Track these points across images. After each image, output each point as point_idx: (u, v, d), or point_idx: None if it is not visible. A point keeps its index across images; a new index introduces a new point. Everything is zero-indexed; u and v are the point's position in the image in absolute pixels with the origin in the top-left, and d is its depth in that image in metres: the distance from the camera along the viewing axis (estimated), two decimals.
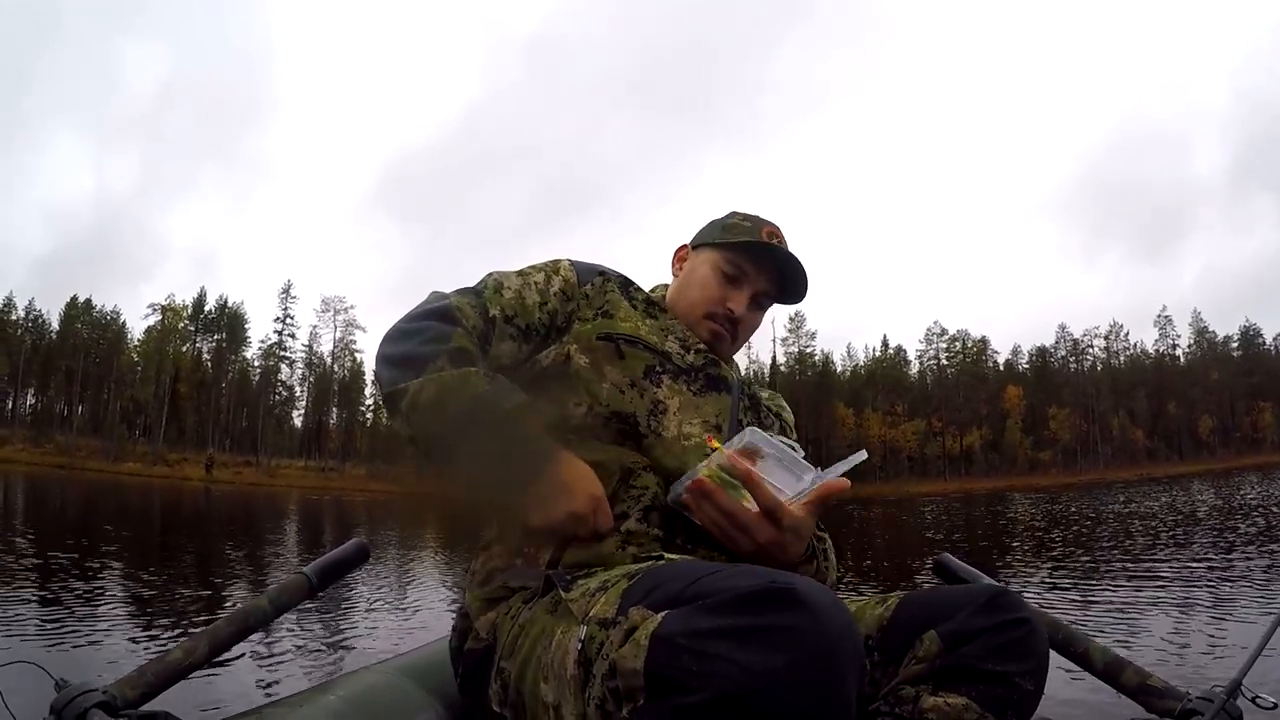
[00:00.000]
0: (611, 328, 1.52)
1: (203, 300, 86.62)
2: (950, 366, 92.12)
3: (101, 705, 1.18)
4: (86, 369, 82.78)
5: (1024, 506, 28.76)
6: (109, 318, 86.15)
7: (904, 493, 59.61)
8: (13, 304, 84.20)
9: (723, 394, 1.56)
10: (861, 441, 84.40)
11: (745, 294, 1.63)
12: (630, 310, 1.58)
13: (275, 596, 1.57)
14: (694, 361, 1.56)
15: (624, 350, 1.50)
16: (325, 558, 1.68)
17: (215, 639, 1.44)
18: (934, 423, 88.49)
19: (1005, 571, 9.62)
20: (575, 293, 1.58)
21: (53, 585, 7.22)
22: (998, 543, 14.83)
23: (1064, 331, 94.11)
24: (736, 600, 0.86)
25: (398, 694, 1.51)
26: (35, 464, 51.82)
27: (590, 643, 1.01)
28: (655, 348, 1.53)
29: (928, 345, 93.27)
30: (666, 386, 1.49)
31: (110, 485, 37.74)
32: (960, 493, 55.67)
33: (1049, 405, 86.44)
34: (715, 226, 1.69)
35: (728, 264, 1.62)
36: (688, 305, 1.64)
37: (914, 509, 31.86)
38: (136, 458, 67.52)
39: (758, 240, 1.61)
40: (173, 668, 1.36)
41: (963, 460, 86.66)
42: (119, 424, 79.89)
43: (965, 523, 21.71)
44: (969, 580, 1.74)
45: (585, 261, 1.66)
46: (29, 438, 68.63)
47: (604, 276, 1.62)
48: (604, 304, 1.57)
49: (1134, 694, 1.43)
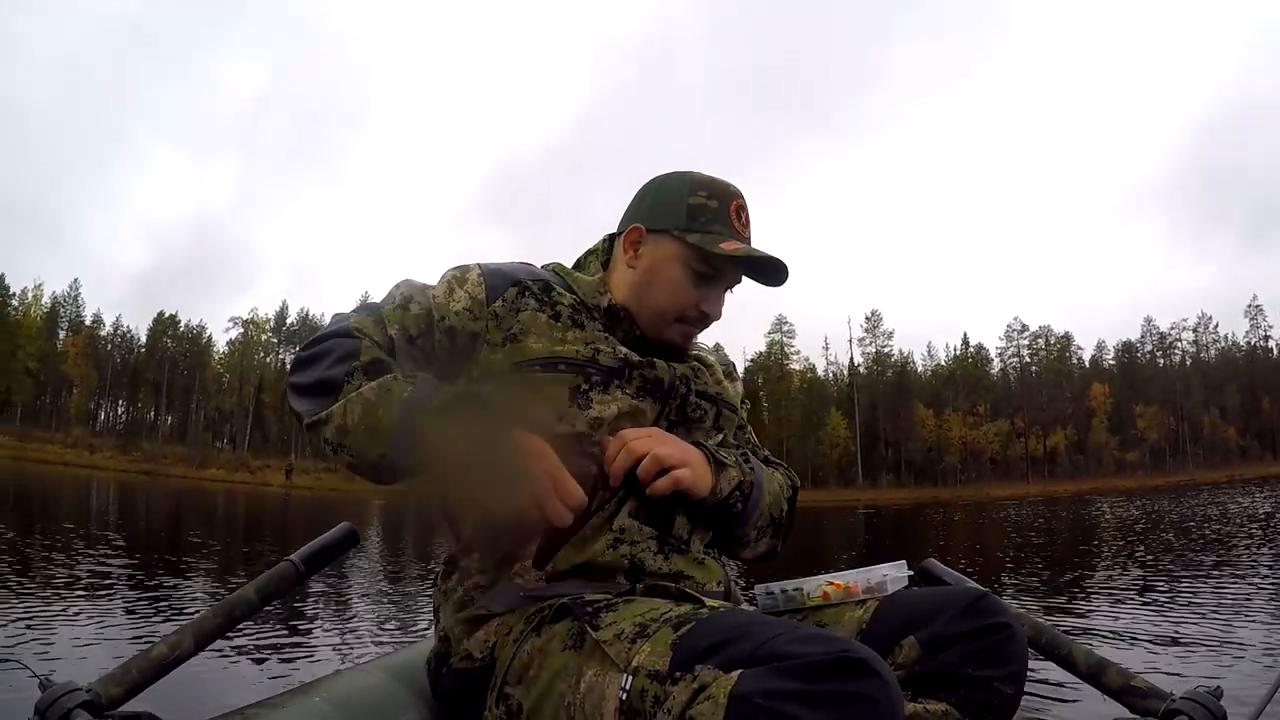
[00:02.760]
0: (522, 354, 1.37)
1: (284, 313, 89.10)
2: (1033, 364, 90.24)
3: (85, 705, 1.17)
4: (172, 380, 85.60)
5: (1105, 510, 27.94)
6: (194, 331, 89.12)
7: (985, 495, 58.64)
8: (101, 320, 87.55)
9: (654, 400, 1.43)
10: (942, 443, 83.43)
11: (720, 290, 1.50)
12: (548, 324, 1.40)
13: (262, 585, 1.52)
14: (627, 356, 1.42)
15: (541, 379, 1.35)
16: (312, 543, 1.63)
17: (200, 631, 1.41)
18: (1016, 423, 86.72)
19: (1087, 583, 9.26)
20: (482, 311, 1.39)
21: (144, 585, 7.36)
22: (1074, 550, 14.30)
23: (1150, 325, 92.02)
24: (813, 666, 0.90)
25: (382, 695, 1.48)
26: (123, 470, 54.08)
27: (640, 695, 1.01)
28: (576, 359, 1.37)
29: (1008, 342, 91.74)
30: (598, 402, 1.36)
31: (193, 490, 38.81)
32: (1041, 496, 54.42)
33: (1135, 403, 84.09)
34: (674, 206, 1.46)
35: (700, 263, 1.44)
36: (655, 312, 1.47)
37: (989, 513, 31.28)
38: (219, 464, 69.39)
39: (737, 254, 1.41)
40: (158, 663, 1.33)
41: (1046, 462, 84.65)
42: (203, 432, 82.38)
43: (1044, 527, 21.16)
44: (951, 584, 1.72)
45: (504, 266, 1.47)
46: (118, 446, 71.01)
47: (519, 288, 1.42)
48: (514, 324, 1.39)
49: (1118, 695, 1.45)
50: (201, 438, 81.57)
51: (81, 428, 78.64)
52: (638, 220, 1.49)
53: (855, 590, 1.39)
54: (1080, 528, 19.92)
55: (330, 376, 1.25)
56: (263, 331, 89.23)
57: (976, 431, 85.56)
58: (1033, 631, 1.54)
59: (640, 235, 1.48)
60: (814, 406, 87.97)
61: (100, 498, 25.19)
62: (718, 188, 1.47)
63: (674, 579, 1.34)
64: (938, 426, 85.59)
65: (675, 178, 1.50)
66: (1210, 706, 1.29)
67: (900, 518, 30.36)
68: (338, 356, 1.27)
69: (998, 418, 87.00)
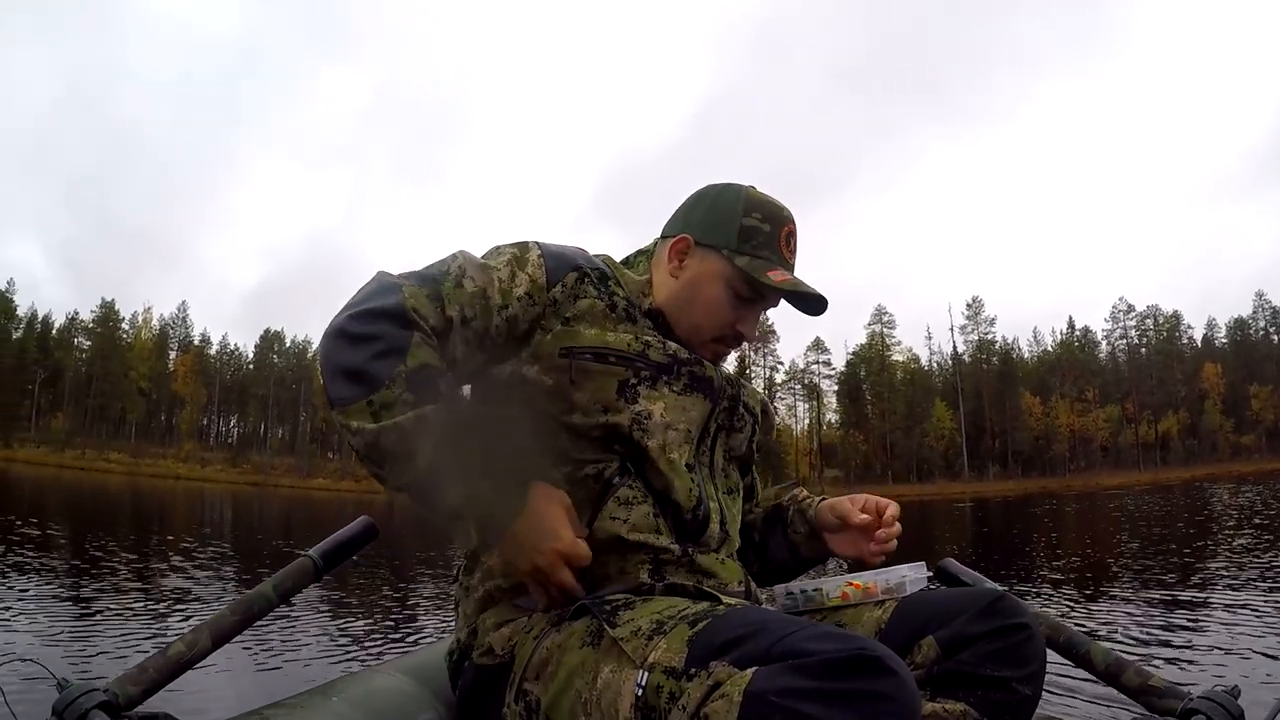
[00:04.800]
0: (574, 339, 1.35)
1: None
2: (1141, 346, 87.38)
3: (102, 705, 1.16)
4: (279, 394, 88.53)
5: (1224, 498, 26.79)
6: (300, 346, 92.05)
7: (1094, 485, 57.00)
8: (208, 339, 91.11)
9: (705, 398, 1.42)
10: (1050, 431, 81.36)
11: (758, 313, 1.49)
12: (604, 314, 1.39)
13: (279, 581, 1.51)
14: (676, 352, 1.41)
15: (591, 368, 1.34)
16: (330, 538, 1.62)
17: (218, 629, 1.40)
18: (1127, 408, 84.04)
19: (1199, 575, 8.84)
20: (541, 296, 1.36)
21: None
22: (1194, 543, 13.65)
23: (1262, 299, 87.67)
24: (828, 664, 0.90)
25: (400, 696, 1.47)
26: (233, 482, 56.28)
27: (655, 691, 1.01)
28: (627, 353, 1.36)
29: (1115, 324, 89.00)
30: (645, 395, 1.36)
31: (300, 500, 40.00)
32: (1151, 484, 52.55)
33: (1250, 383, 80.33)
34: (726, 224, 1.44)
35: (744, 286, 1.43)
36: (692, 328, 1.45)
37: (1101, 503, 30.29)
38: (326, 474, 71.40)
39: (784, 286, 1.40)
40: (175, 661, 1.32)
41: (1158, 448, 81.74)
42: (310, 444, 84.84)
43: (1161, 516, 20.36)
44: (970, 584, 1.73)
45: (563, 249, 1.44)
46: (228, 459, 73.74)
47: (579, 273, 1.40)
48: (570, 310, 1.37)
49: (1135, 694, 1.46)
50: (308, 449, 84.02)
51: (193, 443, 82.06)
52: (688, 230, 1.47)
53: (874, 591, 1.40)
54: (1198, 518, 19.08)
55: (373, 372, 1.20)
56: None
57: (1085, 418, 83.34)
58: (1051, 631, 1.55)
59: (688, 246, 1.46)
60: (918, 398, 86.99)
61: (211, 509, 26.10)
62: (771, 210, 1.45)
63: (696, 578, 1.34)
64: (1045, 414, 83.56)
65: (731, 193, 1.47)
66: (1228, 706, 1.31)
67: (1007, 510, 29.57)
68: (385, 348, 1.21)
69: (1107, 403, 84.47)
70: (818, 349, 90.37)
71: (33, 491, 27.61)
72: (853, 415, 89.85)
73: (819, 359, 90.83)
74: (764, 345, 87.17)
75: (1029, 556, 11.98)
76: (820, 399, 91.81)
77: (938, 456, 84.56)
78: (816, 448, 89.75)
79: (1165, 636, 5.56)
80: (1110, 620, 6.19)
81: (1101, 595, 7.38)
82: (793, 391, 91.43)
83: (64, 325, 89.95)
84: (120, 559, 9.75)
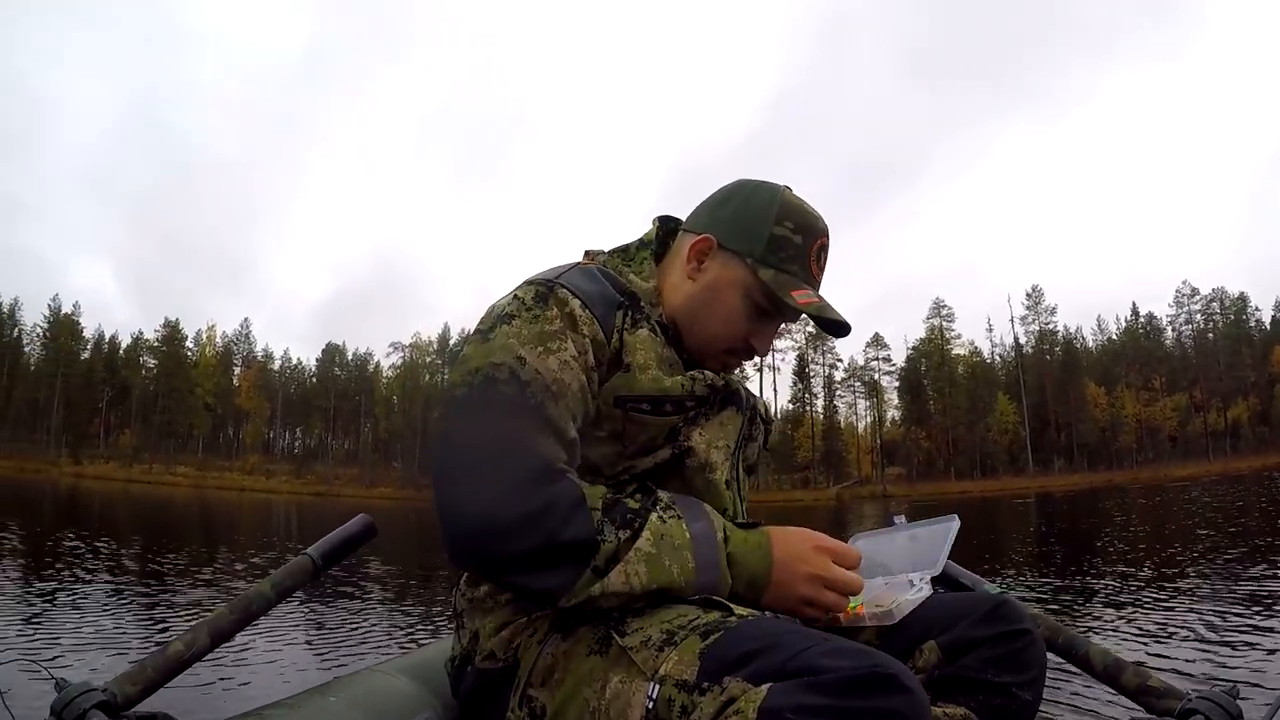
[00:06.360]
0: (629, 387, 1.27)
1: (447, 335, 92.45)
2: (1208, 330, 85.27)
3: (101, 705, 1.16)
4: (341, 407, 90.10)
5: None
6: (361, 359, 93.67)
7: (1162, 476, 55.71)
8: (271, 354, 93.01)
9: (737, 412, 1.40)
10: (1116, 422, 79.73)
11: (774, 328, 1.42)
12: (649, 340, 1.30)
13: (278, 580, 1.51)
14: (712, 381, 1.34)
15: (646, 420, 1.28)
16: (329, 536, 1.62)
17: (216, 628, 1.40)
18: (1195, 396, 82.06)
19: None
20: (604, 353, 1.26)
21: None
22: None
23: None
24: (844, 681, 0.90)
25: (398, 696, 1.46)
26: (297, 493, 57.40)
27: (666, 704, 1.00)
28: (680, 397, 1.29)
29: (1179, 309, 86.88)
30: (684, 432, 1.32)
31: (363, 508, 40.16)
32: (1221, 474, 51.01)
33: None
34: (756, 230, 1.35)
35: (765, 300, 1.35)
36: (706, 337, 1.38)
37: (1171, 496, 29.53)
38: (388, 483, 72.47)
39: (809, 309, 1.34)
40: (173, 660, 1.32)
41: (1228, 436, 79.32)
42: (372, 454, 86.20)
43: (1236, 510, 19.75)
44: (970, 587, 1.73)
45: (588, 287, 1.29)
46: (292, 470, 75.23)
47: (621, 310, 1.30)
48: (627, 355, 1.28)
49: (1134, 695, 1.48)
50: (370, 459, 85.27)
51: (258, 455, 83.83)
52: (713, 230, 1.38)
53: (862, 614, 1.36)
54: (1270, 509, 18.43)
55: (577, 539, 1.11)
56: (425, 354, 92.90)
57: (1152, 408, 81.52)
58: (1050, 633, 1.57)
59: (711, 247, 1.37)
60: (980, 392, 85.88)
61: (277, 518, 26.53)
62: (805, 221, 1.36)
63: None
64: (1110, 405, 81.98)
65: (765, 194, 1.38)
66: (1226, 705, 1.32)
67: (1071, 506, 28.78)
68: (566, 510, 1.11)
69: (1174, 391, 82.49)
70: (877, 345, 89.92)
71: (101, 506, 28.27)
72: (914, 411, 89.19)
73: (879, 355, 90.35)
74: (823, 343, 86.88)
75: (1086, 559, 11.61)
76: (881, 396, 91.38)
77: (1001, 451, 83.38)
78: (878, 446, 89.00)
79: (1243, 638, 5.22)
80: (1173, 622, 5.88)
81: (1165, 600, 7.01)
82: (853, 389, 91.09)
83: (130, 345, 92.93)
84: (176, 565, 9.91)
